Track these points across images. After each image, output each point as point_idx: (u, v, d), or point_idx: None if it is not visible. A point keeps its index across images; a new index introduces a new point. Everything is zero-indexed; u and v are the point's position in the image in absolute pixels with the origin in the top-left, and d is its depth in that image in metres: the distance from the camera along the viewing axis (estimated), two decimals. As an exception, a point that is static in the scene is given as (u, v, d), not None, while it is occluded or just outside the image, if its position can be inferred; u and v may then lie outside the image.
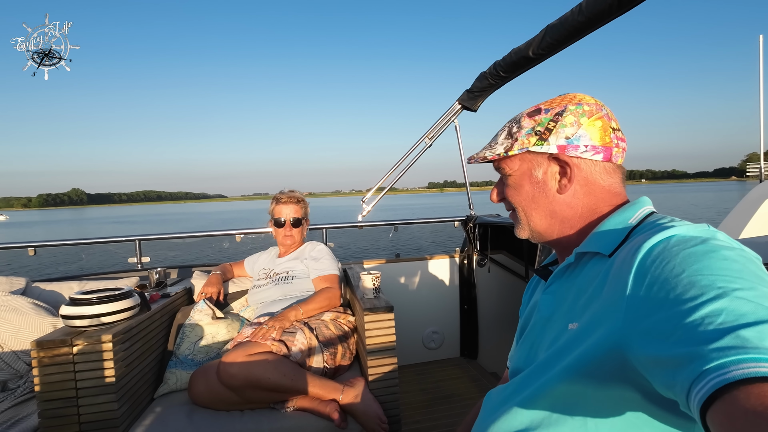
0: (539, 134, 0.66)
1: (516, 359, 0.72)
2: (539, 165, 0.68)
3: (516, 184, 0.70)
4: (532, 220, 0.70)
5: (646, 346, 0.44)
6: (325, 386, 1.49)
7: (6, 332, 1.77)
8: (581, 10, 1.43)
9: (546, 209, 0.69)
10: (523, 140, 0.68)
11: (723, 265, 0.43)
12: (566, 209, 0.67)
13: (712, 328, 0.37)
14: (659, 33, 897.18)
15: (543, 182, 0.68)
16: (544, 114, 0.67)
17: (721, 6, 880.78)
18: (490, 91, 2.26)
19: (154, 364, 1.66)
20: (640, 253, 0.50)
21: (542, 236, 0.71)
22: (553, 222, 0.69)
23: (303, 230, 2.09)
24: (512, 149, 0.68)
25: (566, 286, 0.65)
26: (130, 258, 2.52)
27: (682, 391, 0.37)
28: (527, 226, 0.72)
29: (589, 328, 0.53)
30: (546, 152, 0.66)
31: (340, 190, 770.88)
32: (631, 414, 0.50)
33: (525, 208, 0.70)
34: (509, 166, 0.70)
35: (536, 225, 0.70)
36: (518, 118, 0.71)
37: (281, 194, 2.08)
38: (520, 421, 0.59)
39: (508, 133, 0.70)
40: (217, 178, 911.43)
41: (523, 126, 0.69)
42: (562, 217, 0.68)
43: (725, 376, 0.34)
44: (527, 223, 0.71)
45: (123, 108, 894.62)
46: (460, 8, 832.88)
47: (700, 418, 0.35)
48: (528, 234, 0.72)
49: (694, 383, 0.36)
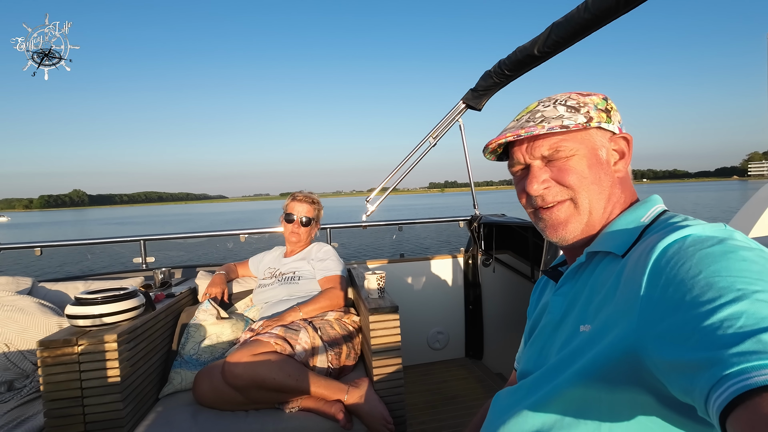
0: (607, 112, 0.63)
1: (525, 361, 0.71)
2: (603, 145, 0.63)
3: (577, 165, 0.62)
4: (595, 207, 0.63)
5: (662, 349, 0.42)
6: (330, 386, 1.49)
7: (12, 332, 1.78)
8: (587, 8, 1.42)
9: (608, 193, 0.63)
10: (594, 115, 0.63)
11: (742, 266, 0.42)
12: (617, 193, 0.64)
13: (732, 331, 0.36)
14: (659, 30, 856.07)
15: (606, 163, 0.63)
16: (590, 96, 0.65)
17: (724, 3, 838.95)
18: (494, 89, 2.24)
19: (158, 364, 1.66)
20: (655, 253, 0.49)
21: (592, 228, 0.64)
22: (607, 207, 0.63)
23: (311, 231, 2.09)
24: (591, 121, 0.62)
25: (578, 287, 0.63)
26: (135, 258, 2.53)
27: (701, 396, 0.36)
28: (586, 215, 0.63)
29: (603, 330, 0.52)
30: (611, 131, 0.64)
31: (341, 190, 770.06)
32: (646, 418, 0.49)
33: (590, 193, 0.62)
34: (569, 145, 0.62)
35: (596, 212, 0.63)
36: (563, 98, 0.65)
37: (299, 192, 2.10)
38: (531, 424, 0.57)
39: (570, 108, 0.63)
40: (218, 178, 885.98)
41: (586, 102, 0.64)
42: (613, 203, 0.64)
43: (746, 382, 0.32)
44: (588, 210, 0.63)
45: (124, 109, 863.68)
46: (464, 7, 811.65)
47: (719, 424, 0.34)
48: (580, 228, 0.63)
49: (713, 389, 0.35)
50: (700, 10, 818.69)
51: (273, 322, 1.64)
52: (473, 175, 2.91)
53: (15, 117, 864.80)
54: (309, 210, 2.05)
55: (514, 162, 0.69)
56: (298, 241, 2.05)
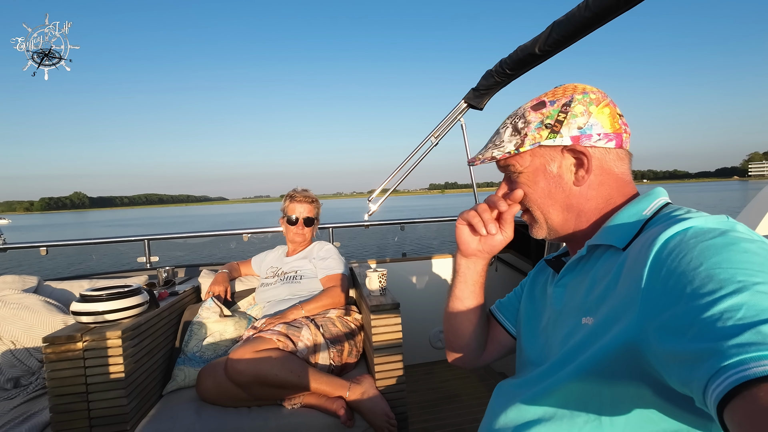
0: (550, 127, 0.64)
1: (530, 353, 0.71)
2: (553, 159, 0.65)
3: (529, 181, 0.67)
4: (550, 217, 0.67)
5: (662, 340, 0.42)
6: (332, 383, 1.50)
7: (18, 329, 1.80)
8: (588, 6, 1.42)
9: (563, 204, 0.66)
10: (534, 135, 0.64)
11: (743, 258, 0.42)
12: (583, 202, 0.65)
13: (732, 323, 0.36)
14: (658, 30, 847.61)
15: (558, 176, 0.65)
16: (550, 106, 0.65)
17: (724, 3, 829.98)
18: (496, 89, 2.25)
19: (162, 361, 1.68)
20: (656, 245, 0.49)
21: (558, 233, 0.68)
22: (569, 216, 0.66)
23: (313, 230, 2.11)
24: (523, 145, 0.65)
25: (579, 279, 0.64)
26: (139, 257, 2.55)
27: (699, 387, 0.36)
28: (545, 224, 0.68)
29: (606, 323, 0.52)
30: (560, 145, 0.64)
31: (341, 191, 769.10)
32: (645, 410, 0.49)
33: (541, 206, 0.67)
34: (519, 163, 0.67)
35: (553, 221, 0.67)
36: (521, 113, 0.68)
37: (296, 192, 2.09)
38: (533, 414, 0.58)
39: (514, 129, 0.67)
40: (219, 180, 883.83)
41: (530, 120, 0.65)
42: (578, 210, 0.66)
43: (745, 373, 0.33)
44: (544, 221, 0.68)
45: (125, 111, 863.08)
46: (465, 7, 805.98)
47: (717, 415, 0.34)
48: (545, 233, 0.69)
49: (711, 379, 0.35)
50: (700, 10, 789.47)
51: (275, 320, 1.65)
52: (475, 175, 2.91)
53: (15, 119, 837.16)
54: (310, 209, 2.06)
55: None
56: (303, 240, 2.07)
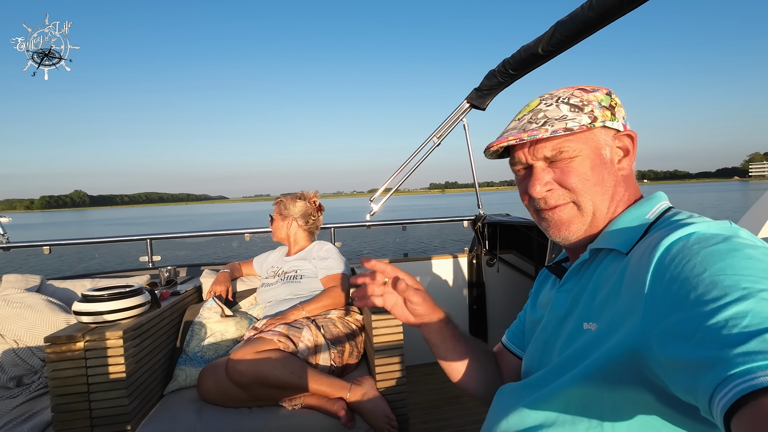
0: (611, 109, 0.62)
1: (529, 357, 0.71)
2: (606, 144, 0.62)
3: (580, 166, 0.61)
4: (599, 207, 0.62)
5: (665, 347, 0.42)
6: (333, 384, 1.49)
7: (21, 329, 1.80)
8: (591, 6, 1.42)
9: (610, 193, 0.62)
10: (600, 113, 0.61)
11: (747, 265, 0.41)
12: (621, 191, 0.63)
13: (737, 330, 0.36)
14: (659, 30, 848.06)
15: (611, 162, 0.62)
16: (595, 92, 0.63)
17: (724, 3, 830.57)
18: (499, 89, 2.24)
19: (163, 361, 1.68)
20: (659, 250, 0.48)
21: (597, 225, 0.63)
22: (611, 207, 0.63)
23: (281, 226, 2.07)
24: (596, 121, 0.60)
25: (581, 284, 0.63)
26: (142, 257, 2.55)
27: (705, 396, 0.35)
28: (589, 215, 0.62)
29: (609, 329, 0.51)
30: (616, 129, 0.62)
31: (342, 191, 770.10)
32: (647, 416, 0.49)
33: (593, 194, 0.61)
34: (570, 146, 0.61)
35: (601, 212, 0.62)
36: (564, 95, 0.63)
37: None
38: (534, 419, 0.58)
39: (573, 107, 0.61)
40: (219, 179, 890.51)
41: (589, 99, 0.62)
42: (616, 201, 0.63)
43: (752, 382, 0.32)
44: (591, 212, 0.62)
45: (125, 110, 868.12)
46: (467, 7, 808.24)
47: (723, 425, 0.33)
48: (585, 226, 0.63)
49: (717, 388, 0.34)
50: (700, 10, 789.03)
51: (276, 320, 1.65)
52: (476, 175, 2.91)
53: (16, 118, 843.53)
54: (274, 209, 2.12)
55: (516, 161, 0.67)
56: (277, 237, 2.10)
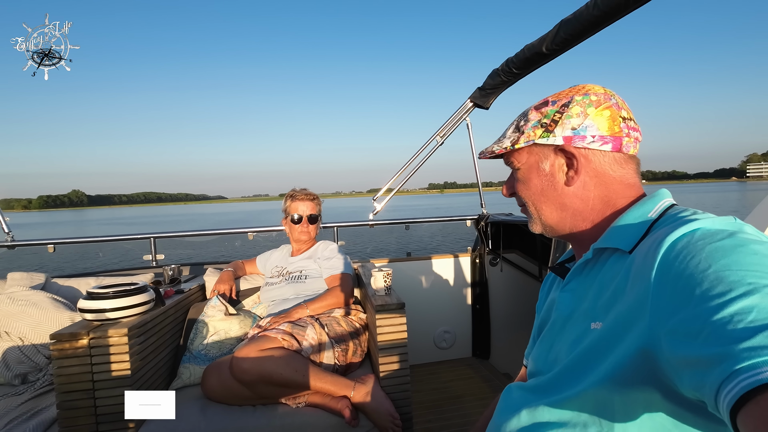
0: (545, 126, 0.66)
1: (535, 358, 0.71)
2: (546, 157, 0.67)
3: (524, 177, 0.70)
4: (543, 214, 0.70)
5: (673, 345, 0.42)
6: (337, 383, 1.49)
7: (26, 326, 1.81)
8: (596, 4, 1.41)
9: (555, 202, 0.68)
10: (529, 133, 0.67)
11: (753, 260, 0.41)
12: (577, 201, 0.66)
13: (743, 326, 0.36)
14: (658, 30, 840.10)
15: (551, 175, 0.67)
16: (551, 106, 0.67)
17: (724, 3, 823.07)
18: (502, 88, 2.24)
19: (168, 359, 1.69)
20: (663, 247, 0.48)
21: (555, 230, 0.70)
22: (564, 215, 0.68)
23: (317, 227, 2.11)
24: (518, 142, 0.68)
25: (586, 283, 0.63)
26: (146, 256, 2.56)
27: (711, 392, 0.36)
28: (539, 219, 0.71)
29: (617, 330, 0.52)
30: (552, 144, 0.66)
31: (340, 191, 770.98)
32: (658, 416, 0.49)
33: (535, 202, 0.70)
34: (518, 159, 0.70)
35: (547, 218, 0.70)
36: (526, 111, 0.71)
37: (296, 192, 2.10)
38: (547, 420, 0.58)
39: (516, 127, 0.70)
40: (217, 179, 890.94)
41: (530, 119, 0.68)
42: (573, 209, 0.67)
43: (758, 377, 0.32)
44: (538, 216, 0.71)
45: (123, 110, 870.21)
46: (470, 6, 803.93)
47: (730, 420, 0.33)
48: (540, 228, 0.72)
49: (723, 384, 0.34)
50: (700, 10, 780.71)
51: (280, 319, 1.66)
52: (478, 175, 2.90)
53: (14, 117, 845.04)
54: (312, 207, 2.07)
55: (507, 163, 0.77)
56: (309, 239, 2.07)
